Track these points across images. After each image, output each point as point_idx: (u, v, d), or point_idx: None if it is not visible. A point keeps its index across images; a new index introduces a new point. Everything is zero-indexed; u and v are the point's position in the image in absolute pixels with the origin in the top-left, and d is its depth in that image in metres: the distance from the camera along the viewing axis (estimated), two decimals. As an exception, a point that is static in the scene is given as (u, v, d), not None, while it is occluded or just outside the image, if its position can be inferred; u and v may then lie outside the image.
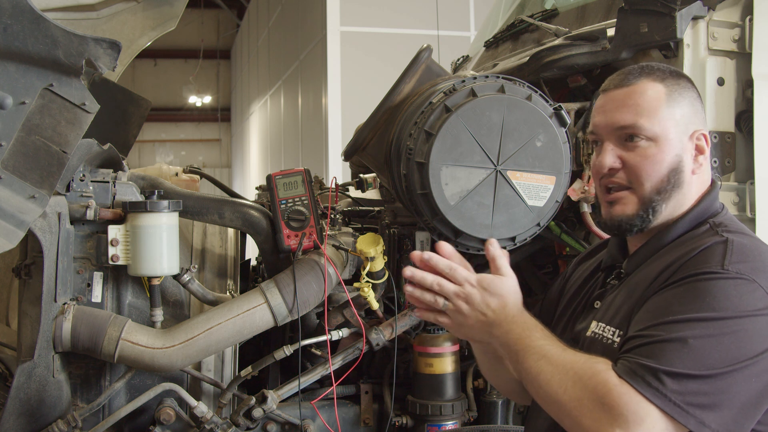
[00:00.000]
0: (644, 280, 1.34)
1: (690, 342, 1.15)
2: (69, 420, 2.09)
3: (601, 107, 1.44)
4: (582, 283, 1.60)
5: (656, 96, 1.38)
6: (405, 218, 2.49)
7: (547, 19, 2.67)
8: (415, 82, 2.25)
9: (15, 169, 1.72)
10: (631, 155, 1.39)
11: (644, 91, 1.39)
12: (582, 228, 2.30)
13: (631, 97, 1.39)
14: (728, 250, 1.25)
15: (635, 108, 1.38)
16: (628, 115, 1.38)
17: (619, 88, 1.41)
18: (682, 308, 1.19)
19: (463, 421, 2.43)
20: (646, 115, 1.38)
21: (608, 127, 1.41)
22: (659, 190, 1.38)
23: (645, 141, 1.38)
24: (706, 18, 2.10)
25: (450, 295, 1.37)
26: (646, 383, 1.13)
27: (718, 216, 1.41)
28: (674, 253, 1.34)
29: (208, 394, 2.33)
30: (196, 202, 2.33)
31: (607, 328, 1.37)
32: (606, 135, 1.42)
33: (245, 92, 15.91)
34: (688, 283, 1.23)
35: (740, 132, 2.15)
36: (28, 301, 2.09)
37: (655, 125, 1.37)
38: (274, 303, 2.16)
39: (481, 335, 1.38)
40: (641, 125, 1.37)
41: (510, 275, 1.39)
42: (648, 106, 1.38)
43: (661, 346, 1.16)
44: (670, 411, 1.12)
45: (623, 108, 1.39)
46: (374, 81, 5.10)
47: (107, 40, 1.66)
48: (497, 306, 1.35)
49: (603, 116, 1.42)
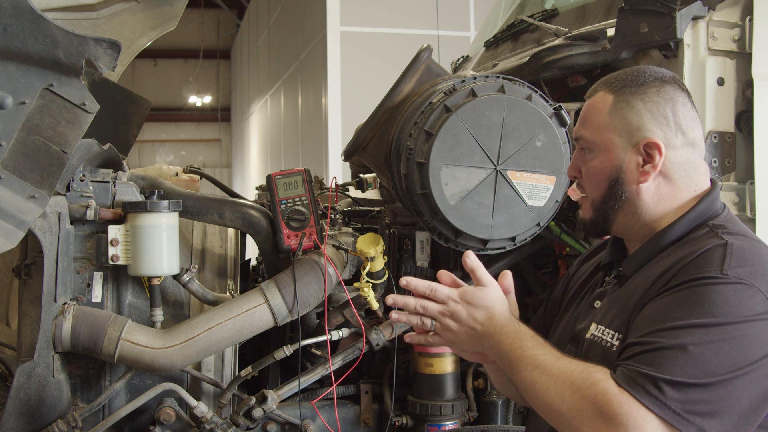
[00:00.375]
0: (643, 284, 1.34)
1: (690, 349, 1.14)
2: (69, 420, 2.09)
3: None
4: (583, 283, 1.60)
5: (601, 107, 1.42)
6: (405, 218, 2.49)
7: (547, 19, 2.67)
8: (415, 82, 2.25)
9: (15, 169, 1.72)
10: (583, 165, 1.45)
11: (595, 103, 1.44)
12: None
13: (586, 109, 1.46)
14: (727, 254, 1.24)
15: (583, 119, 1.45)
16: (578, 126, 1.46)
17: (588, 98, 1.47)
18: (681, 314, 1.19)
19: (463, 421, 2.43)
20: (588, 125, 1.43)
21: (575, 136, 1.48)
22: (604, 199, 1.42)
23: (590, 152, 1.43)
24: (706, 18, 2.10)
25: (435, 314, 1.39)
26: (645, 392, 1.13)
27: (718, 217, 1.39)
28: (673, 256, 1.33)
29: (208, 394, 2.33)
30: (196, 202, 2.33)
31: (606, 331, 1.36)
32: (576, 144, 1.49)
33: (245, 92, 15.91)
34: (687, 288, 1.22)
35: (740, 132, 2.15)
36: (28, 301, 2.09)
37: (595, 135, 1.42)
38: (274, 303, 2.16)
39: (475, 348, 1.39)
40: (582, 135, 1.44)
41: (492, 284, 1.40)
42: (592, 117, 1.43)
43: (661, 354, 1.16)
44: (671, 420, 1.11)
45: (581, 119, 1.46)
46: (374, 81, 5.10)
47: (107, 40, 1.66)
48: (484, 318, 1.36)
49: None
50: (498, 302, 1.38)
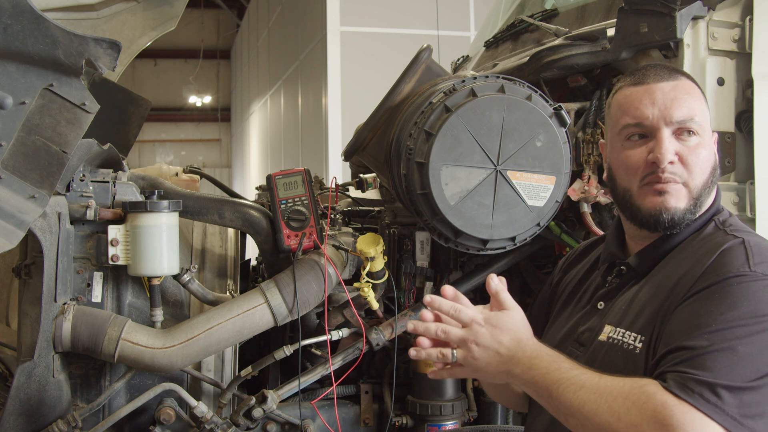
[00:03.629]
0: (664, 285, 1.32)
1: (739, 350, 1.14)
2: (69, 420, 2.09)
3: (647, 98, 1.39)
4: (578, 284, 1.59)
5: (698, 94, 1.40)
6: (405, 218, 2.49)
7: (547, 19, 2.67)
8: (415, 82, 2.25)
9: (15, 169, 1.72)
10: (685, 150, 1.37)
11: (691, 88, 1.40)
12: (582, 228, 2.30)
13: (682, 91, 1.38)
14: (749, 252, 1.25)
15: (689, 103, 1.38)
16: (685, 109, 1.37)
17: (662, 81, 1.39)
18: (722, 314, 1.18)
19: (463, 421, 2.43)
20: (698, 111, 1.38)
21: (665, 119, 1.37)
22: (705, 185, 1.38)
23: (696, 137, 1.38)
24: (706, 18, 2.10)
25: (457, 341, 1.32)
26: (704, 399, 1.11)
27: (719, 214, 1.42)
28: (690, 254, 1.33)
29: (208, 394, 2.33)
30: (196, 202, 2.33)
31: (627, 333, 1.34)
32: (661, 127, 1.38)
33: (245, 92, 15.90)
34: (720, 288, 1.22)
35: (740, 132, 2.15)
36: (28, 301, 2.09)
37: (703, 122, 1.39)
38: (274, 303, 2.16)
39: (499, 375, 1.32)
40: (698, 121, 1.37)
41: (515, 308, 1.35)
42: (697, 103, 1.39)
43: (712, 357, 1.14)
44: (729, 426, 1.10)
45: (678, 101, 1.37)
46: (374, 81, 5.10)
47: (107, 40, 1.66)
48: (510, 341, 1.30)
49: (655, 108, 1.37)
50: (524, 327, 1.33)
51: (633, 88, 1.42)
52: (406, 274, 2.44)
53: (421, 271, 2.44)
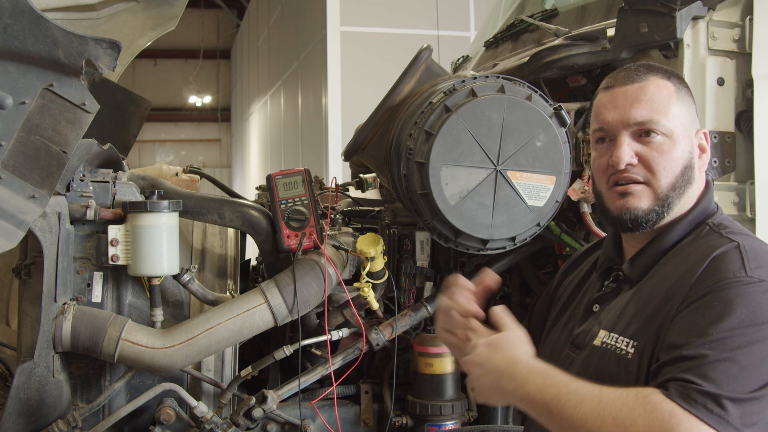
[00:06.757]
0: (657, 291, 1.32)
1: (741, 360, 1.14)
2: (69, 420, 2.09)
3: (610, 103, 1.42)
4: (576, 287, 1.59)
5: (668, 93, 1.39)
6: (405, 218, 2.49)
7: (547, 19, 2.67)
8: (415, 82, 2.25)
9: (15, 169, 1.72)
10: (647, 150, 1.38)
11: (656, 87, 1.39)
12: (582, 228, 2.30)
13: (645, 93, 1.39)
14: (744, 256, 1.24)
15: (650, 103, 1.38)
16: (644, 110, 1.38)
17: (627, 84, 1.41)
18: (722, 323, 1.18)
19: (463, 421, 2.42)
20: (661, 111, 1.38)
21: (623, 122, 1.39)
22: (674, 186, 1.38)
23: (660, 137, 1.38)
24: (706, 18, 2.10)
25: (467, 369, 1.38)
26: (708, 411, 1.11)
27: (714, 216, 1.41)
28: (683, 260, 1.33)
29: (208, 394, 2.33)
30: (196, 202, 2.33)
31: (619, 338, 1.34)
32: (620, 130, 1.40)
33: (245, 92, 15.90)
34: (718, 294, 1.21)
35: (740, 132, 2.15)
36: (28, 301, 2.09)
37: (669, 121, 1.38)
38: (274, 303, 2.17)
39: (495, 393, 1.32)
40: (657, 120, 1.37)
41: (512, 327, 1.36)
42: (662, 102, 1.38)
43: (713, 368, 1.14)
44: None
45: (638, 103, 1.39)
46: (374, 81, 5.10)
47: (107, 40, 1.66)
48: (501, 359, 1.31)
49: (615, 112, 1.40)
50: (519, 345, 1.33)
51: (603, 92, 1.45)
52: (406, 274, 2.44)
53: (421, 271, 2.44)
